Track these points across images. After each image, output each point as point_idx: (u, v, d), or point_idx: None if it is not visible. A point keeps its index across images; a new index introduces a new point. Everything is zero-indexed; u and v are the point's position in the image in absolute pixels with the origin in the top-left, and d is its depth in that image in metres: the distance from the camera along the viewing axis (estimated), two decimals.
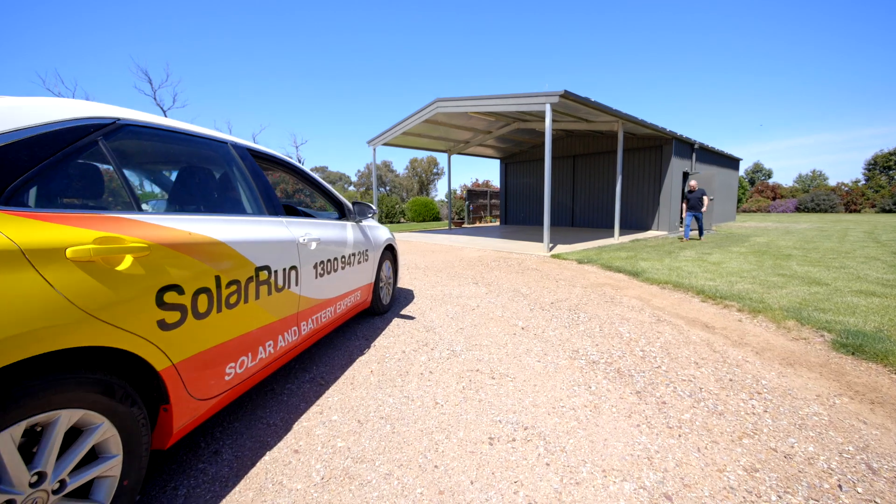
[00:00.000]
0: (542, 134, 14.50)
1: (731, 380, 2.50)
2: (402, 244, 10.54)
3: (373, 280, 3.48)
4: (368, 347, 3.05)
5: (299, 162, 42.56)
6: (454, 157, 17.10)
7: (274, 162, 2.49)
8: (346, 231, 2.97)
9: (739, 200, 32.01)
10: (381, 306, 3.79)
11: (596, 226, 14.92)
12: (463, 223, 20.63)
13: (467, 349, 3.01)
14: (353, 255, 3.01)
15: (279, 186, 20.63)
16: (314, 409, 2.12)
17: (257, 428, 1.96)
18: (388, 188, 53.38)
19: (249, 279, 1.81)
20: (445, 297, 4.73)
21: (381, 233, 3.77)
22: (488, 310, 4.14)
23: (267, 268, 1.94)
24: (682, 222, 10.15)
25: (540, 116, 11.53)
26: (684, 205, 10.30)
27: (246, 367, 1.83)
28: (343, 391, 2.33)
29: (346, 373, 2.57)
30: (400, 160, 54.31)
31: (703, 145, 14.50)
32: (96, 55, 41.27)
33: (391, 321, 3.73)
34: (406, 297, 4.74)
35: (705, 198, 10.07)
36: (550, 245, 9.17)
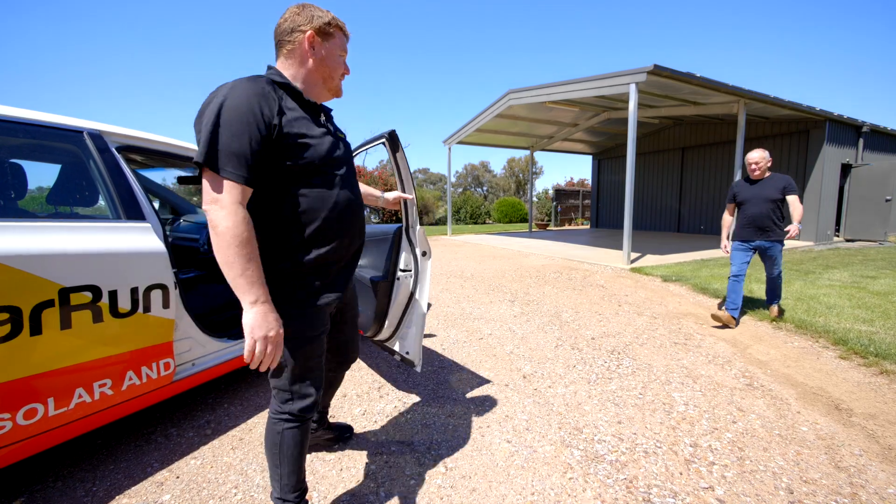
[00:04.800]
0: (641, 124, 12.42)
1: None
2: (467, 247, 9.88)
3: None
4: None
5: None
6: (548, 155, 15.83)
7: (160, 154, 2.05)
8: None
9: None
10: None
11: (709, 232, 12.25)
12: (548, 225, 19.07)
13: (426, 402, 2.23)
14: None
15: None
16: (160, 475, 1.62)
17: (70, 494, 1.52)
18: (485, 188, 53.14)
19: (43, 305, 1.36)
20: (462, 317, 3.94)
21: None
22: (499, 341, 3.24)
23: (92, 288, 1.48)
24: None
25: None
26: (727, 215, 3.91)
27: (42, 416, 1.40)
28: (218, 451, 1.79)
29: (250, 421, 2.03)
30: (498, 160, 53.32)
31: (877, 127, 10.78)
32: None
33: (370, 347, 3.12)
34: None
35: (794, 199, 3.48)
36: (633, 255, 7.59)
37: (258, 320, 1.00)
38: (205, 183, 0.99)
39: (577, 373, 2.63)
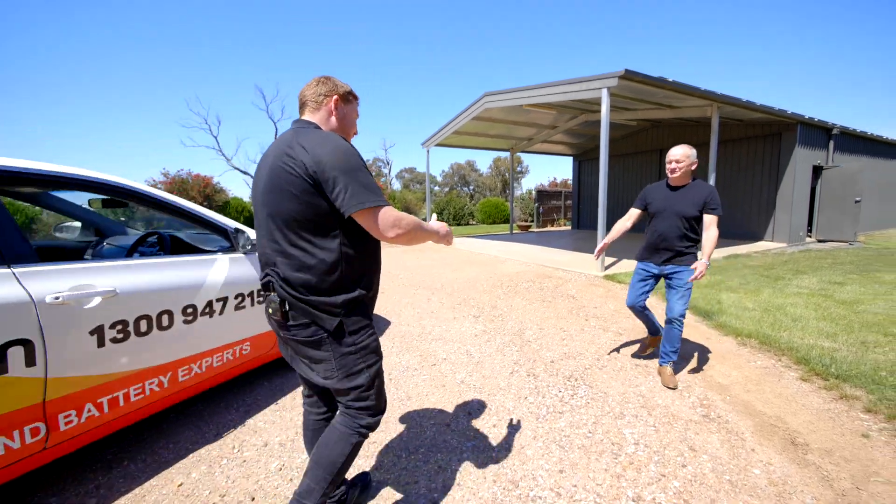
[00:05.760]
0: (618, 126, 12.43)
1: None
2: (444, 252, 9.67)
3: None
4: (228, 432, 2.26)
5: (387, 164, 43.32)
6: (532, 157, 15.68)
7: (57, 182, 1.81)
8: (208, 269, 2.21)
9: None
10: None
11: None
12: (530, 227, 19.02)
13: None
14: (226, 299, 2.24)
15: None
16: None
17: None
18: (472, 187, 53.11)
19: None
20: (420, 337, 3.75)
21: None
22: (453, 367, 3.07)
23: None
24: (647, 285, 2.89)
25: (611, 107, 9.72)
26: (626, 221, 3.13)
27: None
28: None
29: (147, 484, 1.80)
30: (484, 159, 53.06)
31: (847, 129, 10.96)
32: (226, 81, 48.24)
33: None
34: None
35: (711, 221, 2.61)
36: (608, 260, 7.52)
37: (444, 229, 1.46)
38: (372, 217, 1.21)
39: (527, 406, 2.46)
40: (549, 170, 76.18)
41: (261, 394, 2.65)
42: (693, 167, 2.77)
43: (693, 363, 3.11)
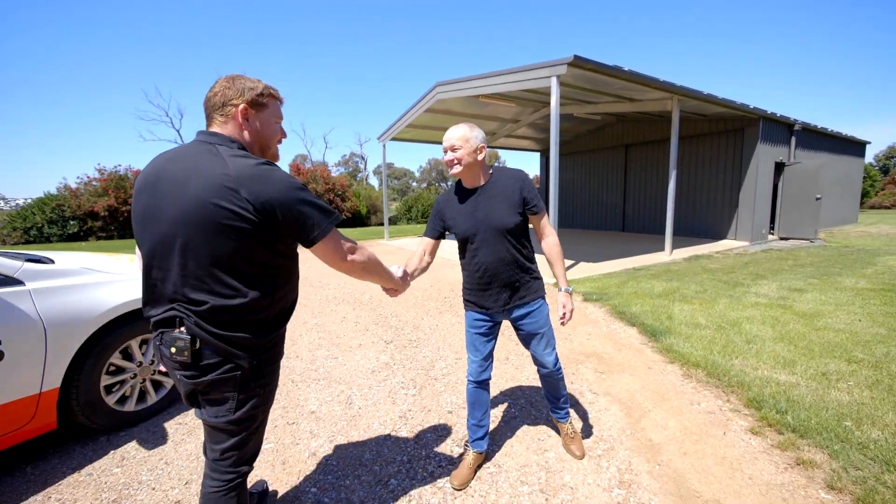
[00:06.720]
0: (583, 121, 11.92)
1: None
2: (397, 256, 8.93)
3: (48, 387, 1.91)
4: None
5: (363, 160, 41.86)
6: (510, 153, 15.01)
7: None
8: None
9: (866, 195, 25.20)
10: (101, 420, 2.18)
11: (652, 231, 11.96)
12: None
13: None
14: None
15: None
16: None
17: None
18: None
19: None
20: (301, 376, 3.02)
21: (102, 296, 2.16)
22: (316, 427, 2.35)
23: None
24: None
25: (570, 99, 9.17)
26: (416, 258, 1.86)
27: None
28: None
29: None
30: None
31: (809, 126, 10.78)
32: (190, 75, 45.72)
33: (92, 463, 2.11)
34: None
35: (544, 223, 1.80)
36: (566, 263, 6.92)
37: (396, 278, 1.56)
38: (331, 244, 1.15)
39: (381, 498, 1.77)
40: (526, 165, 76.03)
41: (16, 488, 1.86)
42: (481, 153, 1.72)
43: (625, 408, 2.50)
